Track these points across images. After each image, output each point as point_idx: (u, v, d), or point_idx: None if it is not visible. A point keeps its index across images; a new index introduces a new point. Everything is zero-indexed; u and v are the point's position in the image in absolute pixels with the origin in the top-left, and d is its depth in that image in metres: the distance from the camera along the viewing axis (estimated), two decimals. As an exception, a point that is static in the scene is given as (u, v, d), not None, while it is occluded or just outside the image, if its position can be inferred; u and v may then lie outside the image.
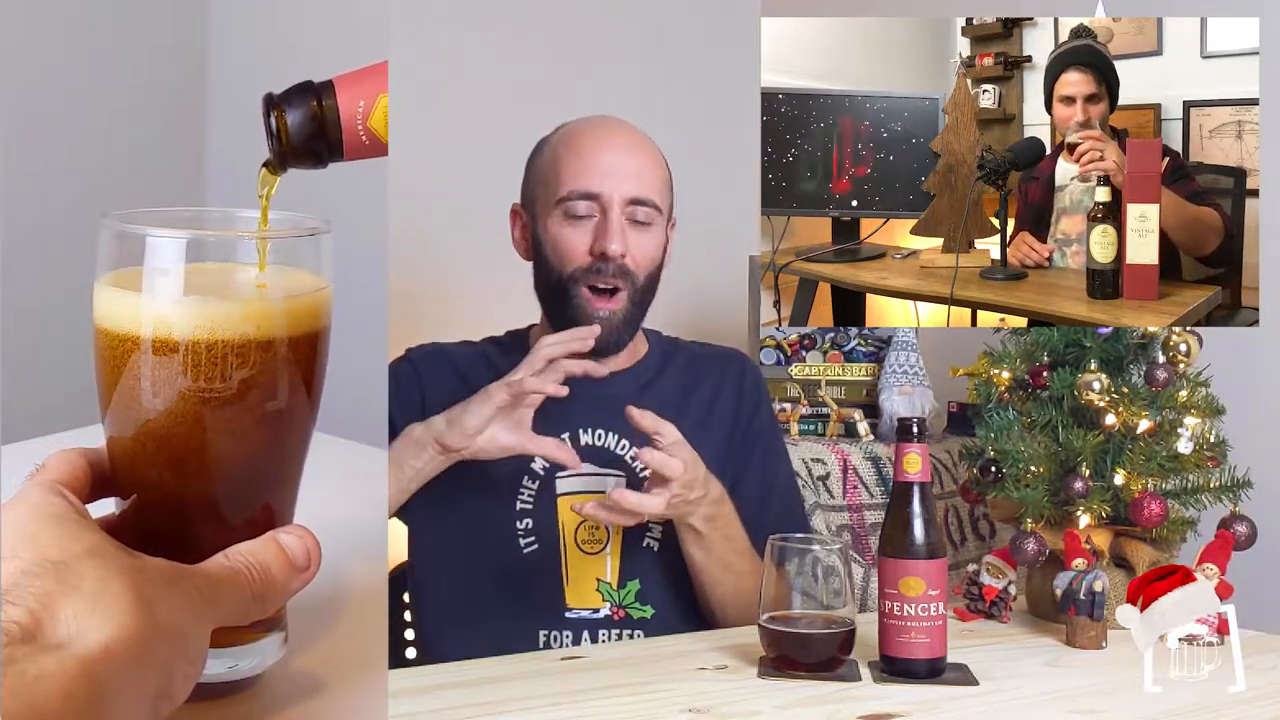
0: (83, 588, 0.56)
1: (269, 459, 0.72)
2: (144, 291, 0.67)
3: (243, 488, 0.71)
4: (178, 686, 0.58)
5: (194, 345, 0.66)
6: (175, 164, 2.87)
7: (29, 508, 0.61)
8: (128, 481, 0.70)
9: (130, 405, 0.67)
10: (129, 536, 0.62)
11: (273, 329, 0.68)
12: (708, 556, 1.23)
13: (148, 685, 0.56)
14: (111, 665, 0.53)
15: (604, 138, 1.27)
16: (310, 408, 0.73)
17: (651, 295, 1.29)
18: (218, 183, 2.87)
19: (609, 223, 1.23)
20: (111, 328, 0.68)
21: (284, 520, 0.74)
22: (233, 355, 0.66)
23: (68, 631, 0.54)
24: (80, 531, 0.60)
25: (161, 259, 0.67)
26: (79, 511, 0.63)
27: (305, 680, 0.77)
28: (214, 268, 0.71)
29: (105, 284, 0.69)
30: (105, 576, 0.56)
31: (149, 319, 0.67)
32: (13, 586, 0.55)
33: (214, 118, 2.90)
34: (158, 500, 0.70)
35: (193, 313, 0.66)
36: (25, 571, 0.56)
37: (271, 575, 0.65)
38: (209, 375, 0.66)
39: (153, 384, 0.66)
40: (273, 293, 0.70)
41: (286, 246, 0.73)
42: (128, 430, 0.68)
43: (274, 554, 0.66)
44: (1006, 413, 1.35)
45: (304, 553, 0.67)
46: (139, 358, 0.67)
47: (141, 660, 0.55)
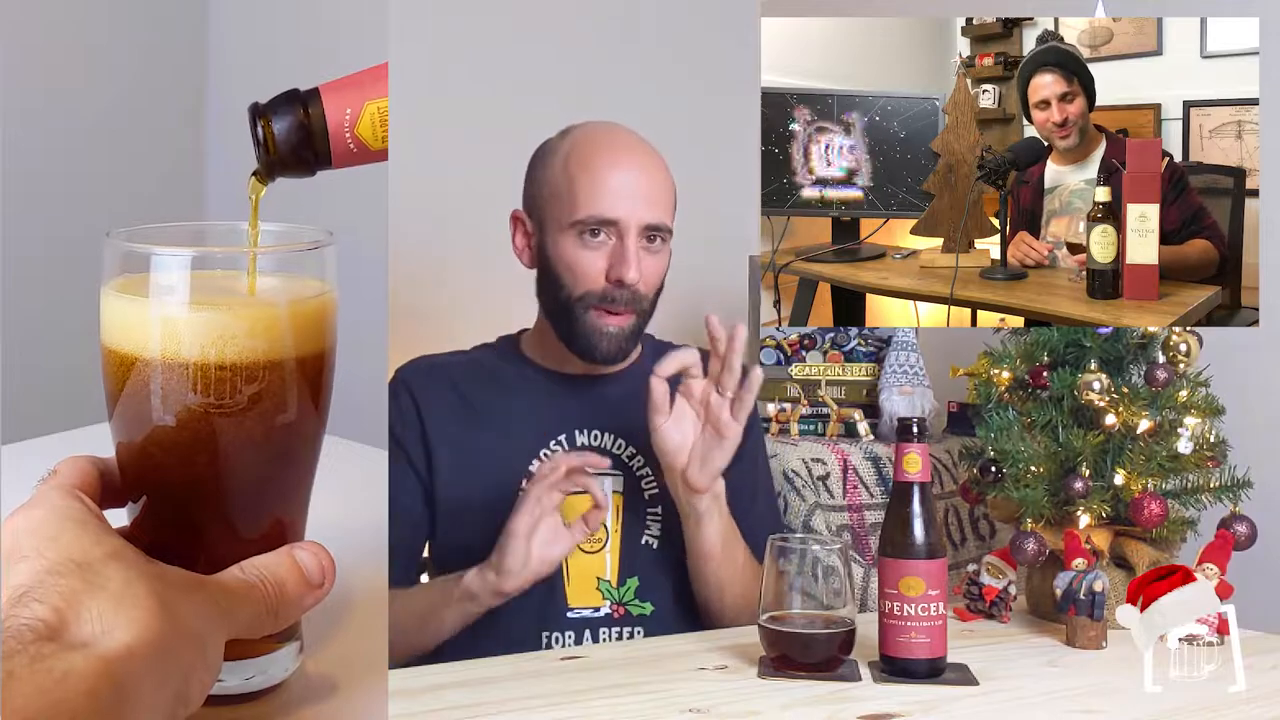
0: (108, 588, 0.56)
1: (279, 471, 0.72)
2: (151, 306, 0.67)
3: (253, 498, 0.71)
4: (195, 692, 0.58)
5: (203, 364, 0.66)
6: (176, 165, 2.87)
7: (50, 510, 0.61)
8: (137, 487, 0.70)
9: (138, 415, 0.68)
10: (140, 547, 0.62)
11: (281, 342, 0.68)
12: (718, 537, 1.23)
13: (167, 688, 0.56)
14: (134, 666, 0.54)
15: (618, 156, 1.25)
16: (319, 419, 0.73)
17: (654, 308, 1.29)
18: (218, 183, 2.88)
19: (626, 250, 1.22)
20: (119, 338, 0.68)
21: (295, 531, 0.75)
22: (241, 373, 0.67)
23: (92, 631, 0.54)
24: (102, 535, 0.60)
25: (168, 275, 0.67)
26: (98, 516, 0.63)
27: (306, 681, 0.77)
28: (221, 275, 0.71)
29: (111, 290, 0.69)
30: (129, 579, 0.57)
31: (156, 335, 0.67)
32: (37, 584, 0.55)
33: (214, 119, 2.90)
34: (168, 509, 0.70)
35: (200, 327, 0.66)
36: (50, 570, 0.56)
37: (286, 590, 0.65)
38: (218, 392, 0.66)
39: (162, 400, 0.66)
40: (280, 306, 0.70)
41: (293, 260, 0.73)
42: (136, 437, 0.68)
43: (289, 569, 0.66)
44: (1006, 413, 1.35)
45: (319, 569, 0.67)
46: (146, 373, 0.67)
47: (163, 663, 0.56)
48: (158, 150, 2.81)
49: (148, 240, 0.69)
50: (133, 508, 0.71)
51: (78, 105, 2.64)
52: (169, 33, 2.84)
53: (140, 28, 2.76)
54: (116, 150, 2.71)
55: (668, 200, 1.27)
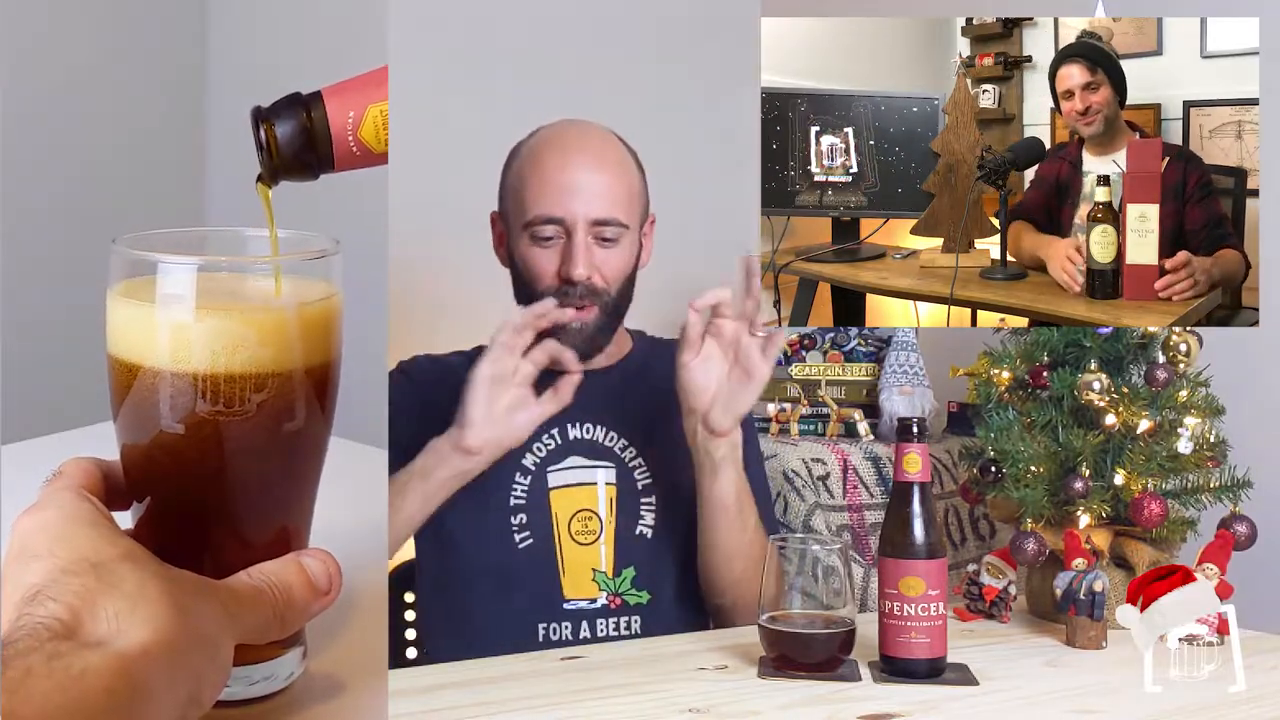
0: (122, 589, 0.56)
1: (285, 476, 0.72)
2: (159, 313, 0.67)
3: (259, 503, 0.71)
4: (206, 694, 0.59)
5: (212, 372, 0.66)
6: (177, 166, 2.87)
7: (61, 510, 0.61)
8: (141, 490, 0.70)
9: (144, 420, 0.67)
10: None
11: (290, 349, 0.68)
12: (733, 489, 1.23)
13: (181, 690, 0.56)
14: (150, 666, 0.54)
15: (566, 155, 1.25)
16: (325, 425, 0.73)
17: (628, 301, 1.29)
18: (218, 184, 2.88)
19: (574, 246, 1.23)
20: (125, 345, 0.68)
21: (300, 536, 0.75)
22: (250, 381, 0.66)
23: (108, 629, 0.54)
24: (115, 536, 0.61)
25: (176, 283, 0.67)
26: (108, 518, 0.63)
27: (307, 680, 0.77)
28: (226, 279, 0.71)
29: (118, 296, 0.69)
30: (143, 580, 0.57)
31: (165, 343, 0.66)
32: (52, 583, 0.55)
33: (215, 120, 2.90)
34: (172, 513, 0.70)
35: (210, 335, 0.66)
36: (64, 570, 0.56)
37: (293, 596, 0.66)
38: (227, 399, 0.66)
39: (170, 407, 0.66)
40: (289, 312, 0.69)
41: (302, 267, 0.73)
42: (142, 440, 0.68)
43: (296, 575, 0.66)
44: (1006, 413, 1.35)
45: (326, 576, 0.68)
46: (154, 379, 0.66)
47: (178, 664, 0.56)
48: (158, 151, 2.81)
49: (155, 247, 0.68)
50: (136, 509, 0.71)
51: (78, 106, 2.64)
52: (169, 35, 2.84)
53: (140, 30, 2.76)
54: (117, 151, 2.71)
55: (621, 194, 1.26)
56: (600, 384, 1.30)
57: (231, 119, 2.81)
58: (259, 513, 0.71)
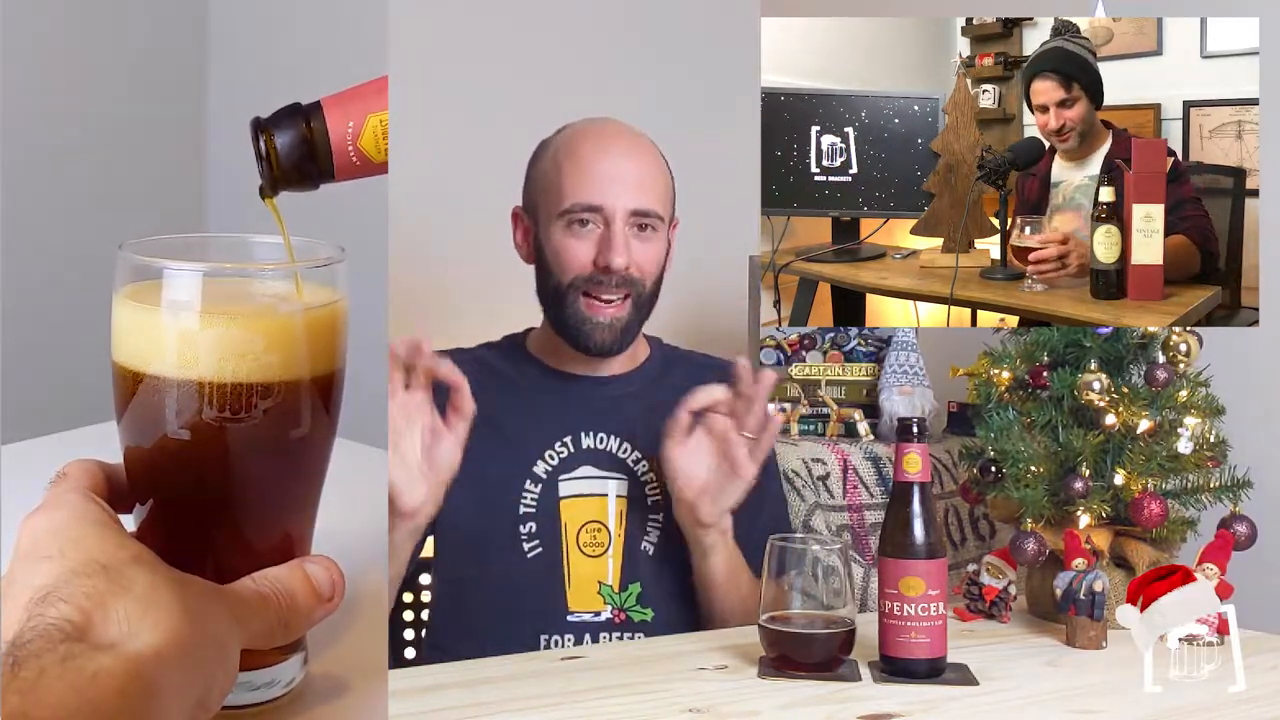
0: (132, 591, 0.56)
1: (290, 482, 0.72)
2: (165, 320, 0.67)
3: (263, 507, 0.71)
4: (215, 697, 0.59)
5: (218, 379, 0.66)
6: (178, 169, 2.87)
7: (70, 512, 0.61)
8: (145, 493, 0.70)
9: (149, 425, 0.67)
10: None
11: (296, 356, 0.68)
12: (723, 567, 1.24)
13: (192, 692, 0.56)
14: (163, 668, 0.54)
15: (605, 145, 1.27)
16: (330, 431, 0.73)
17: (655, 300, 1.29)
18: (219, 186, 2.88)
19: (612, 235, 1.23)
20: (130, 351, 0.68)
21: (303, 541, 0.75)
22: (256, 387, 0.66)
23: (119, 631, 0.54)
24: (124, 540, 0.61)
25: (182, 290, 0.67)
26: (116, 520, 0.63)
27: (307, 681, 0.77)
28: (231, 284, 0.71)
29: (123, 301, 0.68)
30: (153, 583, 0.57)
31: (172, 349, 0.66)
32: (62, 584, 0.55)
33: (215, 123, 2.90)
34: (175, 516, 0.70)
35: (216, 342, 0.66)
36: (74, 571, 0.56)
37: (296, 603, 0.66)
38: (233, 405, 0.66)
39: (175, 412, 0.66)
40: (296, 317, 0.69)
41: (308, 274, 0.73)
42: (145, 444, 0.68)
43: (300, 582, 0.66)
44: (1006, 413, 1.35)
45: (329, 583, 0.68)
46: (160, 385, 0.66)
47: (188, 666, 0.56)
48: (158, 152, 2.81)
49: (160, 253, 0.68)
50: (139, 511, 0.71)
51: (78, 107, 2.64)
52: (169, 37, 2.84)
53: (140, 33, 2.76)
54: (116, 152, 2.71)
55: (659, 188, 1.27)
56: (616, 391, 1.30)
57: (232, 124, 2.82)
58: (263, 517, 0.71)
